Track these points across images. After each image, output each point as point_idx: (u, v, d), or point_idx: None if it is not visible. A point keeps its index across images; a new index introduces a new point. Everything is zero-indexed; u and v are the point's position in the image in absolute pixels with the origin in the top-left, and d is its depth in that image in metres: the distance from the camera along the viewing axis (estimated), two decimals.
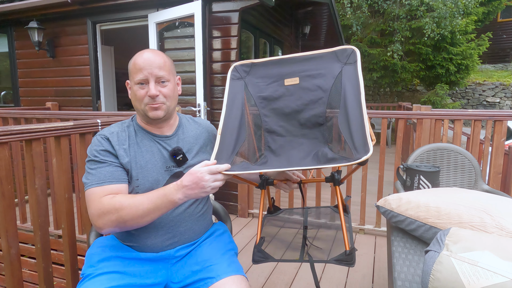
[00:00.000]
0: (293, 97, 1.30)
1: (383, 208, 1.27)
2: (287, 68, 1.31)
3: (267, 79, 1.32)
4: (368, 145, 1.01)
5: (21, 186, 2.51)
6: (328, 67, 1.27)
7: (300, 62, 1.30)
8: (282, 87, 1.31)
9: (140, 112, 1.13)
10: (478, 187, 1.79)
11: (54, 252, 2.56)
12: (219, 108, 3.42)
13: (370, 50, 8.23)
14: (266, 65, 1.33)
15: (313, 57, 1.29)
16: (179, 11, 3.19)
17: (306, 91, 1.29)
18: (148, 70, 1.08)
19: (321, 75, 1.28)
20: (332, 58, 1.27)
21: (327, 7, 5.28)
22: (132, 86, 1.11)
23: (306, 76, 1.29)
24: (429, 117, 2.60)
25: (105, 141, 1.09)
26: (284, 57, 1.31)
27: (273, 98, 1.31)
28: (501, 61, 12.34)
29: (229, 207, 3.32)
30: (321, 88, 1.27)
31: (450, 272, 0.76)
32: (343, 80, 1.22)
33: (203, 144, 1.24)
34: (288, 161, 1.25)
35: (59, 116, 2.55)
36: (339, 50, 1.25)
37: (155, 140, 1.15)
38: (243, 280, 1.07)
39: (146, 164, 1.10)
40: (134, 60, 1.11)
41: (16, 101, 4.55)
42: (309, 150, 1.27)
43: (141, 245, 1.10)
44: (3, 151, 1.36)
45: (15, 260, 1.42)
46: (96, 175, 1.04)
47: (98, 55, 4.01)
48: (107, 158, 1.06)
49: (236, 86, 1.30)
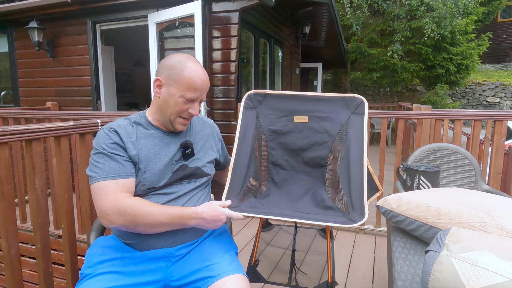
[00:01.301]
0: (301, 135, 1.37)
1: (383, 208, 1.27)
2: (298, 105, 1.38)
3: (278, 112, 1.39)
4: (364, 208, 1.10)
5: (21, 186, 2.51)
6: (336, 112, 1.34)
7: (311, 101, 1.37)
8: (291, 123, 1.38)
9: (166, 119, 1.14)
10: (478, 187, 1.79)
11: (54, 252, 2.56)
12: (219, 108, 3.42)
13: (370, 50, 8.22)
14: (279, 97, 1.39)
15: (324, 99, 1.36)
16: (179, 11, 3.19)
17: (313, 132, 1.36)
18: (202, 93, 1.12)
19: (329, 119, 1.35)
20: (341, 104, 1.34)
21: (327, 7, 5.28)
22: (175, 95, 1.10)
23: (315, 117, 1.36)
24: (429, 117, 2.60)
25: (113, 133, 1.09)
26: (296, 94, 1.37)
27: (282, 133, 1.39)
28: (501, 61, 12.34)
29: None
30: (328, 132, 1.35)
31: (450, 272, 0.76)
32: (349, 130, 1.30)
33: (207, 140, 1.28)
34: (288, 195, 1.33)
35: (59, 116, 2.55)
36: (349, 97, 1.33)
37: (164, 135, 1.17)
38: (243, 279, 1.07)
39: (154, 158, 1.12)
40: (190, 74, 1.09)
41: (16, 101, 4.55)
42: (308, 188, 1.35)
43: (143, 242, 1.10)
44: (3, 151, 1.36)
45: (15, 260, 1.42)
46: (105, 169, 1.04)
47: (98, 55, 4.01)
48: (116, 151, 1.07)
49: (249, 116, 1.37)
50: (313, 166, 1.38)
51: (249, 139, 1.32)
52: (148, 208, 1.02)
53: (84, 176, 1.80)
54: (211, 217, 1.06)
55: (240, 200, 1.18)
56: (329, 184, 1.35)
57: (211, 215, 1.06)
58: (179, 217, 1.04)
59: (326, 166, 1.37)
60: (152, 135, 1.15)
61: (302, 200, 1.30)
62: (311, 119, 1.37)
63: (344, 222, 1.07)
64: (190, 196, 1.18)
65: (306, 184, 1.36)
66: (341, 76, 10.04)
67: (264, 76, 4.95)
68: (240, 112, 1.35)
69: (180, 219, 1.04)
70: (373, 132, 8.10)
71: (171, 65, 1.11)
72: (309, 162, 1.38)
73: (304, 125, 1.37)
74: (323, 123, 1.35)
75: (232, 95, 3.35)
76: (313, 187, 1.35)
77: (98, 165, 1.05)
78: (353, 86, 10.84)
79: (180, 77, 1.09)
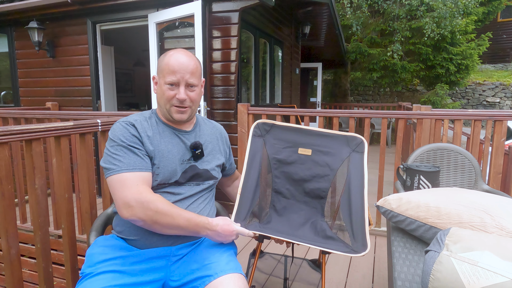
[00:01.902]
0: (304, 167, 1.46)
1: (383, 208, 1.27)
2: (303, 138, 1.47)
3: (283, 142, 1.48)
4: (366, 239, 1.16)
5: (21, 186, 2.51)
6: (338, 149, 1.43)
7: (315, 136, 1.46)
8: (295, 154, 1.46)
9: (164, 110, 1.16)
10: (478, 187, 1.79)
11: (54, 252, 2.56)
12: (219, 108, 3.42)
13: (370, 50, 8.22)
14: (285, 129, 1.49)
15: (327, 135, 1.45)
16: (179, 11, 3.19)
17: (315, 165, 1.45)
18: (181, 74, 1.11)
19: (331, 154, 1.44)
20: (343, 142, 1.44)
21: (327, 7, 5.28)
22: (161, 84, 1.13)
23: (318, 151, 1.45)
24: (429, 117, 2.60)
25: (131, 127, 1.10)
26: (302, 128, 1.47)
27: (286, 162, 1.47)
28: (501, 61, 12.34)
29: (229, 207, 3.31)
30: (329, 166, 1.43)
31: (450, 272, 0.76)
32: (349, 166, 1.39)
33: (216, 143, 1.31)
34: (288, 223, 1.39)
35: (59, 116, 2.55)
36: (350, 136, 1.43)
37: (175, 133, 1.19)
38: (240, 278, 1.07)
39: (167, 154, 1.13)
40: (168, 59, 1.12)
41: (16, 101, 4.55)
42: (308, 218, 1.42)
43: (147, 239, 1.11)
44: (3, 151, 1.36)
45: (15, 260, 1.42)
46: (125, 161, 1.05)
47: (98, 55, 4.01)
48: (135, 144, 1.08)
49: (257, 143, 1.45)
50: (313, 197, 1.46)
51: (256, 165, 1.39)
52: (169, 208, 1.03)
53: (84, 176, 1.80)
54: (223, 231, 1.09)
55: (247, 223, 1.26)
56: (328, 215, 1.42)
57: (224, 229, 1.09)
58: (195, 224, 1.06)
59: (325, 198, 1.44)
60: (164, 132, 1.17)
61: (302, 229, 1.37)
62: (314, 152, 1.45)
63: (347, 252, 1.13)
64: (195, 198, 1.19)
65: (305, 214, 1.43)
66: (341, 76, 10.04)
67: (264, 76, 4.95)
68: (249, 140, 1.42)
69: (196, 226, 1.06)
70: (373, 132, 8.10)
71: (159, 60, 1.16)
72: (309, 193, 1.46)
73: (308, 157, 1.45)
74: (325, 157, 1.44)
75: (232, 95, 3.35)
76: (312, 217, 1.42)
77: (117, 158, 1.05)
78: (353, 86, 10.84)
79: (161, 66, 1.13)
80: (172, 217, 1.02)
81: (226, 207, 3.69)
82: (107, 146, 1.09)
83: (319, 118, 7.34)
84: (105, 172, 1.07)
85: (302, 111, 2.90)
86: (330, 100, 10.56)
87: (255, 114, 3.10)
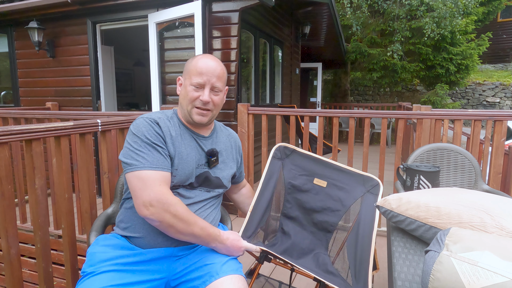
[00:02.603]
0: (317, 197, 1.46)
1: (383, 208, 1.27)
2: (321, 169, 1.48)
3: (301, 169, 1.49)
4: (368, 283, 1.17)
5: (21, 186, 2.51)
6: (353, 186, 1.44)
7: (332, 169, 1.47)
8: (310, 183, 1.47)
9: (185, 111, 1.16)
10: (478, 187, 1.79)
11: (54, 252, 2.56)
12: None
13: (370, 50, 8.22)
14: (305, 157, 1.50)
15: (344, 170, 1.46)
16: (179, 11, 3.19)
17: (328, 198, 1.45)
18: (208, 76, 1.13)
19: (345, 190, 1.44)
20: (359, 181, 1.44)
21: (327, 7, 5.28)
22: (187, 85, 1.14)
23: (333, 185, 1.46)
24: (429, 117, 2.60)
25: (156, 125, 1.10)
26: (321, 159, 1.48)
27: (300, 190, 1.48)
28: (501, 61, 12.34)
29: (229, 207, 3.32)
30: (342, 202, 1.43)
31: (450, 272, 0.76)
32: (362, 206, 1.39)
33: (230, 152, 1.32)
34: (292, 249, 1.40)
35: (59, 116, 2.55)
36: (366, 176, 1.43)
37: (193, 137, 1.19)
38: (240, 280, 1.07)
39: (186, 157, 1.14)
40: (196, 61, 1.14)
41: (16, 101, 4.54)
42: (311, 248, 1.42)
43: (151, 238, 1.11)
44: (3, 151, 1.36)
45: (15, 260, 1.42)
46: (149, 159, 1.04)
47: (98, 55, 4.01)
48: (159, 142, 1.08)
49: (275, 165, 1.47)
50: (320, 229, 1.46)
51: (271, 187, 1.41)
52: (187, 214, 1.03)
53: (84, 176, 1.80)
54: (232, 246, 1.11)
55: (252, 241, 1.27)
56: (331, 250, 1.43)
57: (233, 244, 1.11)
58: (208, 235, 1.07)
59: (332, 232, 1.44)
60: (184, 135, 1.17)
61: (304, 258, 1.37)
62: (329, 185, 1.46)
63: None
64: (203, 204, 1.19)
65: (309, 244, 1.43)
66: (341, 76, 10.04)
67: (264, 76, 4.95)
68: (268, 159, 1.44)
69: (208, 236, 1.07)
70: (373, 132, 8.10)
71: (187, 63, 1.17)
72: (317, 224, 1.46)
73: (322, 189, 1.46)
74: (340, 192, 1.44)
75: (232, 95, 3.35)
76: (316, 249, 1.42)
77: (141, 154, 1.04)
78: (353, 86, 10.84)
79: (188, 68, 1.15)
80: (188, 223, 1.02)
81: (226, 207, 3.70)
82: (129, 141, 1.07)
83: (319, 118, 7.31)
84: (126, 167, 1.05)
85: (302, 111, 2.90)
86: (330, 100, 10.56)
87: (255, 114, 3.10)
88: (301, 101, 7.55)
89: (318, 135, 2.97)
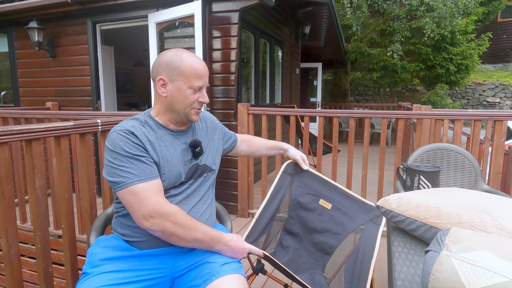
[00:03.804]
0: (320, 218, 1.50)
1: (383, 208, 1.27)
2: (328, 191, 1.51)
3: (308, 188, 1.53)
4: None
5: (21, 186, 2.51)
6: (356, 213, 1.47)
7: (339, 194, 1.50)
8: (316, 203, 1.51)
9: (181, 113, 1.13)
10: (478, 187, 1.79)
11: (54, 252, 2.56)
12: (219, 108, 3.42)
13: (370, 50, 8.21)
14: (314, 177, 1.54)
15: (350, 196, 1.49)
16: (179, 11, 3.19)
17: (331, 220, 1.48)
18: (205, 79, 1.13)
19: (348, 215, 1.47)
20: (363, 209, 1.47)
21: (327, 7, 5.28)
22: (183, 88, 1.09)
23: (337, 208, 1.49)
24: (429, 117, 2.60)
25: (131, 135, 1.05)
26: (329, 181, 1.52)
27: (305, 208, 1.51)
28: (501, 61, 12.33)
29: (229, 207, 3.32)
30: (344, 227, 1.47)
31: (450, 272, 0.76)
32: (363, 235, 1.42)
33: (211, 135, 1.30)
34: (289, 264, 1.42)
35: (59, 116, 2.55)
36: (370, 206, 1.46)
37: (174, 136, 1.17)
38: (241, 279, 1.07)
39: (171, 159, 1.12)
40: (191, 64, 1.09)
41: (16, 101, 4.54)
42: (307, 267, 1.45)
43: (150, 240, 1.10)
44: (3, 151, 1.36)
45: (15, 260, 1.42)
46: (135, 172, 1.01)
47: (98, 55, 4.01)
48: (140, 152, 1.04)
49: (284, 180, 1.49)
50: (319, 250, 1.49)
51: (278, 199, 1.44)
52: (187, 220, 1.03)
53: (84, 176, 1.80)
54: (236, 248, 1.12)
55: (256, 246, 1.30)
56: (327, 272, 1.44)
57: (237, 246, 1.12)
58: (211, 238, 1.08)
59: (330, 255, 1.47)
60: (164, 137, 1.14)
61: (300, 275, 1.39)
62: (334, 208, 1.49)
63: None
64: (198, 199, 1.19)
65: (305, 263, 1.46)
66: (341, 76, 10.04)
67: (264, 76, 4.95)
68: (279, 173, 1.48)
69: (211, 240, 1.08)
70: (373, 132, 8.10)
71: (168, 61, 1.09)
72: (316, 244, 1.49)
73: (326, 210, 1.49)
74: (343, 217, 1.48)
75: (232, 95, 3.35)
76: (311, 269, 1.45)
77: (125, 169, 1.00)
78: (353, 86, 10.84)
79: (182, 69, 1.08)
80: (189, 229, 1.03)
81: (226, 207, 3.70)
82: (109, 158, 1.03)
83: (319, 118, 7.31)
84: (114, 186, 1.02)
85: (302, 111, 2.90)
86: (330, 100, 10.55)
87: (255, 114, 3.10)
88: (301, 101, 7.55)
89: (318, 135, 2.97)
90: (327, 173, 4.37)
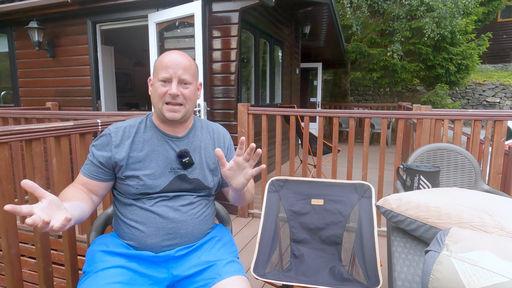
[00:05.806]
0: (318, 216, 1.57)
1: (383, 208, 1.27)
2: (315, 189, 1.60)
3: (297, 195, 1.60)
4: (378, 276, 1.27)
5: (21, 186, 2.51)
6: (348, 196, 1.56)
7: (325, 187, 1.59)
8: (309, 205, 1.59)
9: (157, 110, 1.13)
10: (478, 187, 1.79)
11: (54, 252, 2.56)
12: (219, 108, 3.42)
13: (370, 50, 8.21)
14: (297, 183, 1.61)
15: (336, 185, 1.58)
16: (179, 11, 3.19)
17: (328, 213, 1.57)
18: (174, 69, 1.09)
19: (341, 201, 1.56)
20: (351, 189, 1.57)
21: (327, 7, 5.28)
22: (155, 82, 1.12)
23: (329, 200, 1.57)
24: (429, 117, 2.60)
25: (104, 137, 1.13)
26: (313, 180, 1.60)
27: (301, 214, 1.58)
28: (501, 61, 12.33)
29: (229, 207, 3.32)
30: (341, 213, 1.55)
31: (450, 272, 0.76)
32: (360, 211, 1.51)
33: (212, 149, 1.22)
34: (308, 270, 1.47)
35: (59, 116, 2.55)
36: (357, 184, 1.56)
37: (165, 140, 1.15)
38: (244, 281, 1.07)
39: (149, 162, 1.10)
40: (161, 58, 1.12)
41: (16, 101, 4.55)
42: (326, 265, 1.51)
43: (140, 244, 1.10)
44: (3, 151, 1.36)
45: (15, 260, 1.42)
46: (84, 166, 1.14)
47: (98, 55, 4.01)
48: (90, 157, 1.13)
49: (272, 199, 1.57)
50: (330, 244, 1.56)
51: (273, 218, 1.51)
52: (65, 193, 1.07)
53: None
54: None
55: (266, 271, 1.34)
56: (345, 260, 1.51)
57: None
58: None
59: (341, 243, 1.55)
60: (152, 139, 1.13)
61: (321, 274, 1.45)
62: (326, 202, 1.57)
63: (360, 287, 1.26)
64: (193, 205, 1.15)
65: (323, 261, 1.52)
66: (341, 76, 10.04)
67: (264, 76, 4.95)
68: (264, 196, 1.55)
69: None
70: (373, 132, 8.10)
71: (154, 62, 1.16)
72: (325, 240, 1.56)
73: (320, 207, 1.57)
74: (337, 205, 1.56)
75: (232, 95, 3.35)
76: (330, 263, 1.50)
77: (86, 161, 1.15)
78: (353, 86, 10.84)
79: (156, 65, 1.13)
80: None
81: (226, 207, 3.70)
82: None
83: (319, 118, 7.30)
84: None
85: (302, 111, 2.90)
86: (330, 100, 10.55)
87: (255, 114, 3.10)
88: (301, 101, 7.55)
89: (318, 135, 2.97)
90: (327, 173, 4.37)
